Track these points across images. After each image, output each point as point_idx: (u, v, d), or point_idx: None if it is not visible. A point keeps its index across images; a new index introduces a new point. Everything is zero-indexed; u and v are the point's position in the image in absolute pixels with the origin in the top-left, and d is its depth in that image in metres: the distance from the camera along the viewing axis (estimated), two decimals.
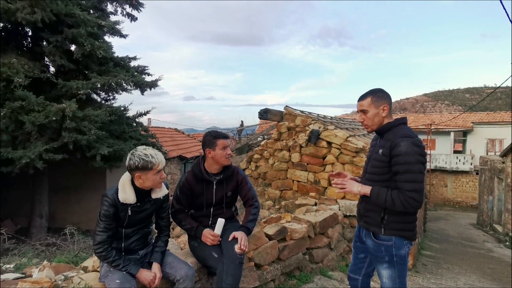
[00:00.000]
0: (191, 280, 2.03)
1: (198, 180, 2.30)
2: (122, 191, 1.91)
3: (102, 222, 1.88)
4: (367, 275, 2.17)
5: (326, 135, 5.72)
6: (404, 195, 1.76)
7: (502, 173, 11.93)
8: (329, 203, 4.31)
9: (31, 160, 6.58)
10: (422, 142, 1.90)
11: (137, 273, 1.90)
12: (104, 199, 1.90)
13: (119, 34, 8.77)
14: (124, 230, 1.99)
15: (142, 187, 1.95)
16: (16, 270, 2.48)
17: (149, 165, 1.87)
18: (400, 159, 1.79)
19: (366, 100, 1.96)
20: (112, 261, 1.86)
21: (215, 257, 2.18)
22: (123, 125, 8.90)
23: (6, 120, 6.64)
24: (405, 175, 1.77)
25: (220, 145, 2.24)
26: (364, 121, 1.99)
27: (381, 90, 1.99)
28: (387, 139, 1.90)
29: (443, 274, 5.59)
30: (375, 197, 1.88)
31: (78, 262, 2.69)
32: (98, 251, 1.86)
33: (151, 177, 1.91)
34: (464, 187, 21.91)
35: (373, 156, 1.99)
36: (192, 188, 2.30)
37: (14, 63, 6.68)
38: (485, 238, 11.21)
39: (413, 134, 1.87)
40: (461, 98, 48.83)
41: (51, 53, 7.41)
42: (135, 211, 1.97)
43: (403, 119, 1.97)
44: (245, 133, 17.10)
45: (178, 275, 2.01)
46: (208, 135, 2.30)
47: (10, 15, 6.66)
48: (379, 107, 1.93)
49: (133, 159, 1.88)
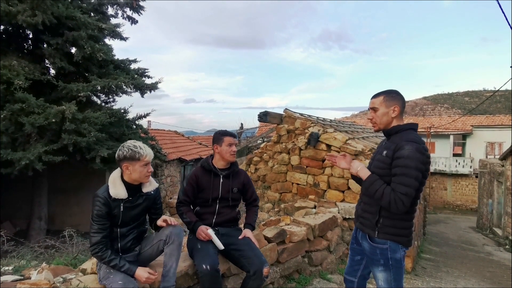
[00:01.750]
0: (178, 235, 2.03)
1: (206, 172, 2.43)
2: (112, 187, 1.94)
3: (95, 223, 1.88)
4: (363, 277, 2.17)
5: (326, 137, 5.73)
6: (395, 195, 1.76)
7: (501, 176, 11.94)
8: (328, 206, 4.31)
9: (31, 161, 6.58)
10: (427, 151, 1.88)
11: (135, 272, 1.89)
12: (96, 199, 1.91)
13: (119, 37, 8.81)
14: (119, 230, 2.00)
15: (130, 180, 1.97)
16: (15, 272, 2.48)
17: (137, 155, 1.92)
18: (401, 161, 1.79)
19: (379, 98, 1.97)
20: (108, 261, 1.86)
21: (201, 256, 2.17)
22: (123, 127, 8.91)
23: (6, 122, 6.65)
24: (401, 178, 1.77)
25: (226, 142, 2.39)
26: (373, 118, 1.99)
27: (395, 91, 1.99)
28: (394, 141, 1.90)
29: (443, 278, 5.58)
30: (368, 184, 1.88)
31: (77, 265, 2.69)
32: (94, 252, 1.87)
33: (138, 169, 1.94)
34: (464, 190, 21.91)
35: (377, 157, 1.99)
36: (199, 181, 2.40)
37: (15, 65, 6.70)
38: (485, 241, 11.19)
39: (420, 140, 1.86)
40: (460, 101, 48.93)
41: (52, 55, 7.44)
42: (128, 207, 1.98)
43: (414, 125, 1.97)
44: (244, 136, 17.12)
45: (163, 235, 2.04)
46: (217, 133, 2.48)
47: (11, 18, 6.69)
48: (390, 107, 1.93)
49: (122, 149, 1.94)
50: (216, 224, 2.42)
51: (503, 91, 24.09)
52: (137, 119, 9.58)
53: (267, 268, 2.18)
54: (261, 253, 2.34)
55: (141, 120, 9.75)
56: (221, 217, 2.44)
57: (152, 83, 9.24)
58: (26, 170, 6.83)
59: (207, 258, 2.11)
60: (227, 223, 2.47)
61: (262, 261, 2.21)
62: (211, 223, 2.41)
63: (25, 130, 6.65)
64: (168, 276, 2.00)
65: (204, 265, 2.06)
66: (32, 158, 6.56)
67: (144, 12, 9.39)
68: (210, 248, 2.22)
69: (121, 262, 1.88)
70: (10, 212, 9.43)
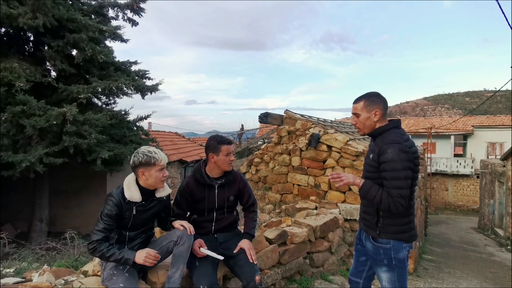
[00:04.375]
0: (189, 237, 2.04)
1: (199, 184, 2.30)
2: (127, 189, 1.95)
3: (102, 221, 1.87)
4: (368, 278, 2.17)
5: (326, 138, 5.73)
6: (392, 199, 1.80)
7: (502, 177, 11.91)
8: (329, 207, 4.30)
9: (32, 164, 6.59)
10: (412, 146, 1.91)
11: (134, 258, 1.84)
12: (109, 198, 1.92)
13: (120, 39, 8.83)
14: (128, 234, 2.00)
15: (145, 185, 1.99)
16: (16, 274, 2.48)
17: (152, 160, 1.94)
18: (387, 166, 1.82)
19: (359, 103, 1.99)
20: (106, 251, 1.81)
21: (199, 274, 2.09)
22: (123, 129, 8.92)
23: (7, 124, 6.66)
24: (392, 182, 1.81)
25: (224, 151, 2.23)
26: (357, 124, 2.02)
27: (375, 94, 1.99)
28: (377, 144, 1.93)
29: (445, 279, 5.56)
30: (365, 191, 1.90)
31: (78, 267, 2.69)
32: (90, 247, 1.83)
33: (154, 174, 1.95)
34: (465, 190, 21.86)
35: (366, 160, 2.03)
36: (193, 193, 2.29)
37: (16, 68, 6.72)
38: (487, 242, 11.16)
39: (401, 139, 1.87)
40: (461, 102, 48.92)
41: (52, 57, 7.46)
42: (140, 211, 1.99)
43: (396, 122, 1.97)
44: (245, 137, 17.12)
45: (175, 236, 2.03)
46: (212, 140, 2.28)
47: (12, 20, 6.71)
48: (371, 111, 1.95)
49: (137, 156, 1.95)
50: (215, 231, 2.39)
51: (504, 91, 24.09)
52: (138, 121, 9.59)
53: (258, 276, 2.16)
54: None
55: (142, 122, 9.77)
56: (220, 224, 2.39)
57: (152, 84, 9.25)
58: (27, 172, 6.84)
59: (204, 279, 2.04)
60: (226, 228, 2.44)
61: (254, 270, 2.17)
62: (211, 231, 2.38)
63: (26, 132, 6.66)
64: (174, 278, 1.98)
65: (201, 285, 2.01)
66: (33, 160, 6.57)
67: (144, 14, 9.41)
68: (209, 266, 2.14)
69: (120, 254, 1.83)
70: (11, 214, 9.44)
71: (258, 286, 2.14)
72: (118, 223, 1.94)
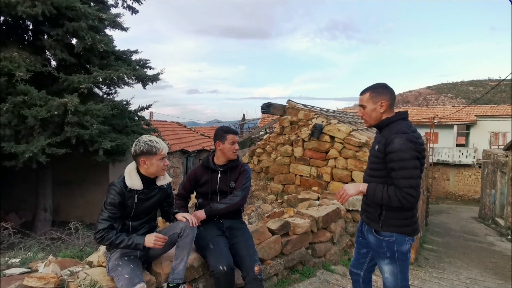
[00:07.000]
0: (192, 229, 2.06)
1: (205, 168, 2.49)
2: (128, 178, 1.97)
3: (107, 210, 1.89)
4: (369, 270, 2.18)
5: (329, 129, 5.69)
6: (401, 192, 1.76)
7: (505, 167, 11.89)
8: (332, 198, 4.31)
9: (34, 154, 6.61)
10: (419, 137, 1.88)
11: (144, 242, 1.87)
12: (112, 187, 1.95)
13: (120, 27, 8.70)
14: (131, 223, 2.02)
15: (147, 173, 2.01)
16: (22, 264, 2.50)
17: (154, 149, 1.96)
18: (395, 156, 1.78)
19: (366, 95, 1.96)
20: (115, 239, 1.84)
21: (216, 256, 2.16)
22: (125, 119, 8.90)
23: (8, 115, 6.65)
24: (401, 172, 1.77)
25: (229, 140, 2.39)
26: (363, 115, 2.00)
27: (382, 85, 1.96)
28: (384, 135, 1.89)
29: (445, 268, 5.61)
30: (371, 195, 1.88)
31: (83, 257, 2.71)
32: (98, 237, 1.85)
33: (155, 163, 1.98)
34: (467, 180, 21.86)
35: (371, 151, 2.00)
36: (198, 176, 2.48)
37: (16, 57, 6.66)
38: (487, 231, 11.23)
39: (408, 130, 1.84)
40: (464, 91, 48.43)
41: (52, 46, 7.38)
42: (142, 199, 2.01)
43: (403, 114, 1.94)
44: (247, 127, 17.08)
45: (178, 228, 2.05)
46: (220, 129, 2.47)
47: (10, 9, 6.62)
48: (377, 103, 1.92)
49: (139, 145, 1.97)
50: (220, 216, 2.43)
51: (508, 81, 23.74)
52: (139, 111, 9.56)
53: (258, 267, 2.20)
54: (255, 250, 2.34)
55: (143, 112, 9.74)
56: None
57: (153, 74, 9.17)
58: (30, 163, 6.87)
59: (222, 259, 2.13)
60: (231, 214, 2.48)
61: (254, 261, 2.22)
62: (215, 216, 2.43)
63: (28, 122, 6.65)
64: (178, 269, 2.01)
65: (221, 266, 2.08)
66: (36, 151, 6.58)
67: (144, 1, 9.24)
68: (222, 247, 2.23)
69: (130, 240, 1.86)
70: (16, 203, 9.54)
71: (258, 277, 2.18)
72: (121, 212, 1.96)
